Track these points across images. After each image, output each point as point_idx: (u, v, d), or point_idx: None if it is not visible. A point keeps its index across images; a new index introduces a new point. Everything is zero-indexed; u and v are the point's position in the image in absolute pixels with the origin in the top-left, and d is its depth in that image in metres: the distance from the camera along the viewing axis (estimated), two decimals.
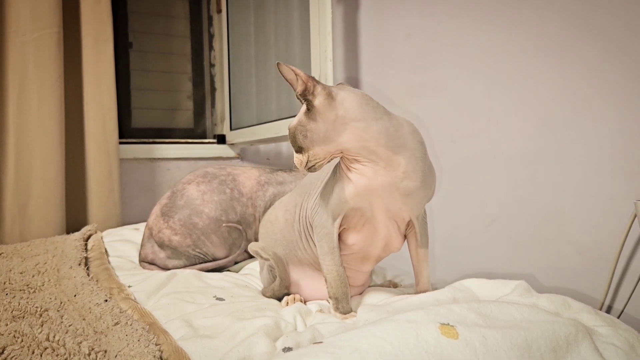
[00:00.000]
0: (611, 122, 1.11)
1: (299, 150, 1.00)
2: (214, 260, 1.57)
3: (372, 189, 1.02)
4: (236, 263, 1.60)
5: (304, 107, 0.99)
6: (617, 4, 1.09)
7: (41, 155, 1.99)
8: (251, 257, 1.60)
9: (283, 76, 0.98)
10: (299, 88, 0.97)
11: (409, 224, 1.11)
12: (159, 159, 2.58)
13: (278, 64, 0.98)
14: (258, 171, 1.67)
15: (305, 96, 0.97)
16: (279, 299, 1.21)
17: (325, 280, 1.09)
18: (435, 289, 1.09)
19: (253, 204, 1.59)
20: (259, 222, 1.59)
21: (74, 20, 2.15)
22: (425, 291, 1.12)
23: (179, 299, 1.17)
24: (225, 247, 1.57)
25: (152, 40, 2.75)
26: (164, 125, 2.81)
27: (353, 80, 1.87)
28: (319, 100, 0.97)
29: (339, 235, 1.09)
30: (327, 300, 1.13)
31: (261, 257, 1.22)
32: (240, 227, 1.57)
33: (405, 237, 1.14)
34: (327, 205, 1.07)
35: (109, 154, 2.20)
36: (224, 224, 1.54)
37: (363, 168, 1.01)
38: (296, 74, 0.97)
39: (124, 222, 2.23)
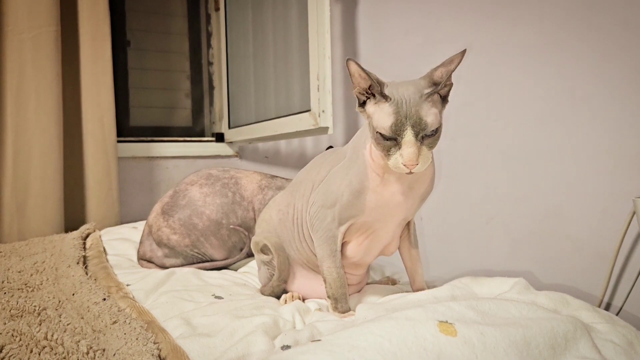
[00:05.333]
0: (609, 120, 1.11)
1: (433, 146, 0.92)
2: (212, 261, 1.57)
3: (398, 195, 1.01)
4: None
5: (438, 102, 0.93)
6: (615, 2, 1.09)
7: (39, 154, 1.98)
8: (250, 256, 1.60)
9: (450, 66, 0.92)
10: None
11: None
12: (157, 157, 2.58)
13: (464, 52, 0.92)
14: (260, 175, 1.68)
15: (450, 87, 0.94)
16: (278, 297, 1.21)
17: (325, 280, 1.09)
18: (434, 286, 1.10)
19: (253, 207, 1.59)
20: None
21: (72, 19, 2.15)
22: (422, 290, 1.12)
23: (177, 298, 1.16)
24: (224, 249, 1.56)
25: (150, 38, 2.75)
26: (162, 123, 2.81)
27: None
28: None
29: None
30: (326, 299, 1.12)
31: (261, 250, 1.21)
32: (245, 232, 1.57)
33: None
34: (334, 208, 1.05)
35: (107, 153, 2.19)
36: (231, 226, 1.55)
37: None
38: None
39: (122, 221, 2.23)
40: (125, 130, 2.62)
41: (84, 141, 2.17)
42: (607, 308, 1.13)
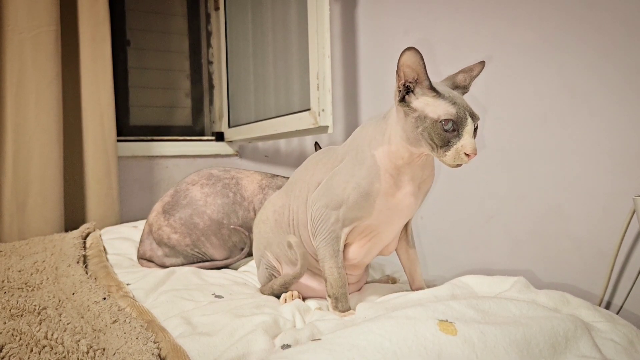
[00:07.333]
0: (609, 118, 1.11)
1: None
2: (212, 261, 1.57)
3: (409, 196, 1.02)
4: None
5: None
6: (615, 2, 1.09)
7: (39, 153, 1.98)
8: (250, 256, 1.60)
9: (471, 72, 1.00)
10: None
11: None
12: (157, 156, 2.58)
13: (483, 62, 0.99)
14: (260, 175, 1.68)
15: None
16: (277, 296, 1.21)
17: (325, 280, 1.09)
18: (434, 285, 1.09)
19: (254, 207, 1.59)
20: None
21: (72, 18, 2.14)
22: (421, 289, 1.12)
23: (177, 297, 1.16)
24: (225, 249, 1.57)
25: (150, 37, 2.74)
26: (162, 122, 2.80)
27: (351, 78, 1.87)
28: None
29: None
30: (326, 299, 1.12)
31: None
32: (246, 232, 1.57)
33: None
34: (339, 210, 1.04)
35: (107, 152, 2.19)
36: (231, 226, 1.55)
37: (414, 171, 1.01)
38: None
39: (122, 220, 2.23)
40: (125, 129, 2.62)
41: (84, 140, 2.17)
42: (608, 307, 1.13)
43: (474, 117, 0.92)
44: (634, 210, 1.03)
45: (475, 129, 0.92)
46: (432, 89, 0.92)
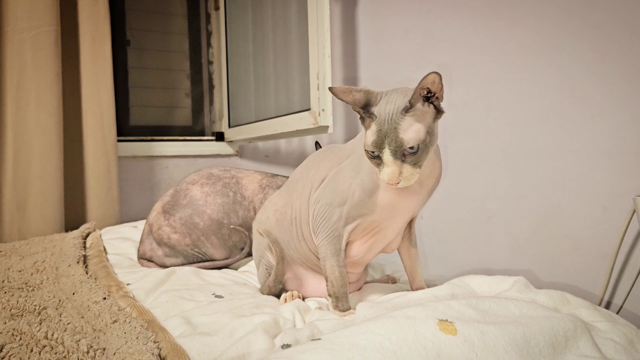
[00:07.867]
0: (609, 118, 1.11)
1: (417, 163, 0.89)
2: (212, 261, 1.57)
3: (410, 193, 1.01)
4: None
5: (429, 114, 0.89)
6: (615, 2, 1.09)
7: (39, 153, 1.98)
8: (250, 256, 1.60)
9: (421, 83, 0.86)
10: (443, 93, 0.89)
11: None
12: (157, 156, 2.58)
13: (436, 73, 0.85)
14: (260, 175, 1.68)
15: (440, 99, 0.90)
16: (277, 296, 1.21)
17: (326, 279, 1.09)
18: (434, 285, 1.10)
19: (254, 207, 1.60)
20: None
21: (72, 18, 2.15)
22: (421, 289, 1.12)
23: (177, 297, 1.16)
24: (225, 249, 1.57)
25: (150, 37, 2.74)
26: (162, 122, 2.80)
27: (351, 78, 1.87)
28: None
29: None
30: (326, 298, 1.12)
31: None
32: (246, 232, 1.57)
33: None
34: (343, 207, 1.04)
35: (107, 152, 2.19)
36: (231, 225, 1.55)
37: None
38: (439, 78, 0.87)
39: (122, 220, 2.23)
40: (125, 129, 2.62)
41: (84, 140, 2.17)
42: (608, 306, 1.13)
43: (391, 144, 0.87)
44: (634, 210, 1.03)
45: (415, 152, 0.87)
46: (369, 114, 0.91)
